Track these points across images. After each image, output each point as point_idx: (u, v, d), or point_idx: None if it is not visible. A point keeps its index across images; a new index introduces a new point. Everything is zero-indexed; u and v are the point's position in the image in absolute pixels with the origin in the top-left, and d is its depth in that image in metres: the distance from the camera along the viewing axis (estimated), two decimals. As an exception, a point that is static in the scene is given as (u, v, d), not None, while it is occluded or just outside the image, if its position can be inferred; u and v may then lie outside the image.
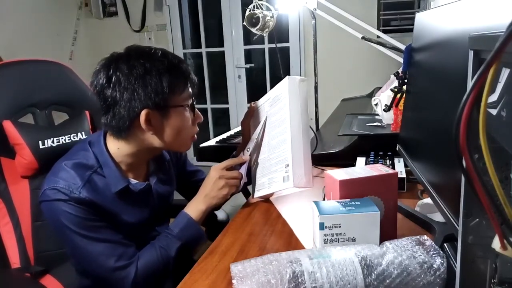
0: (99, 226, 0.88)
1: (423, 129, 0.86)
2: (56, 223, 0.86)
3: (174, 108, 0.88)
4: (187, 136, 0.94)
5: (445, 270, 0.61)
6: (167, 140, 0.90)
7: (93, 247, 0.86)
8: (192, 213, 0.97)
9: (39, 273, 1.06)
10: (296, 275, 0.59)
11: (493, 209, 0.35)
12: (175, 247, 0.93)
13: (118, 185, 0.90)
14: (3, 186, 1.07)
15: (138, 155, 0.94)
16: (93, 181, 0.89)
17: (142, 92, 0.84)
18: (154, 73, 0.85)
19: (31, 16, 3.24)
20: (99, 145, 0.92)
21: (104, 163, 0.91)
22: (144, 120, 0.86)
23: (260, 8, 1.46)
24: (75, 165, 0.89)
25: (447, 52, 0.69)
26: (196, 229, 0.96)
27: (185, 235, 0.95)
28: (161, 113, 0.87)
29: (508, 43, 0.30)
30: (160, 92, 0.85)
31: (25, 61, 1.16)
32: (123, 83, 0.84)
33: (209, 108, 3.86)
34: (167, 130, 0.89)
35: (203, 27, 3.62)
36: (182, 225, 0.95)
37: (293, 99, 0.96)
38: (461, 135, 0.34)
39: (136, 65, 0.85)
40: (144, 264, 0.89)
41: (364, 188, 0.77)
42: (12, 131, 1.04)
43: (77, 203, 0.85)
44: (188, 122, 0.92)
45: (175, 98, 0.88)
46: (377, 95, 1.54)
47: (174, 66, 0.88)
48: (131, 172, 0.96)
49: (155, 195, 1.01)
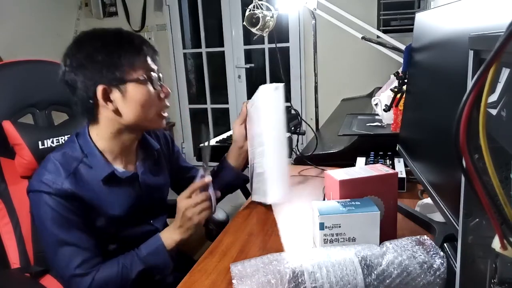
0: (73, 226, 0.87)
1: (423, 129, 0.86)
2: (37, 215, 0.87)
3: (130, 82, 0.88)
4: (153, 112, 0.92)
5: (445, 270, 0.61)
6: (131, 115, 0.90)
7: (60, 248, 0.86)
8: (165, 239, 0.92)
9: (39, 273, 1.06)
10: (296, 275, 0.59)
11: (493, 209, 0.35)
12: (137, 269, 0.89)
13: (103, 172, 0.91)
14: (3, 186, 1.07)
15: (116, 139, 0.93)
16: (79, 172, 0.89)
17: (94, 69, 0.87)
18: (103, 49, 0.87)
19: (31, 16, 3.24)
20: (84, 135, 0.94)
21: (89, 153, 0.92)
22: (101, 97, 0.87)
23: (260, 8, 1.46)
24: (61, 157, 0.90)
25: (447, 52, 0.70)
26: (164, 257, 0.91)
27: (150, 260, 0.90)
28: (118, 88, 0.88)
29: (508, 43, 0.30)
30: (112, 67, 0.86)
31: (25, 61, 1.16)
32: (74, 64, 0.88)
33: (209, 108, 3.86)
34: (128, 105, 0.89)
35: (203, 27, 3.62)
36: (151, 249, 0.91)
37: (267, 112, 0.94)
38: (461, 135, 0.34)
39: (87, 45, 0.88)
40: (102, 277, 0.86)
41: (364, 188, 0.77)
42: (11, 131, 1.04)
43: (59, 196, 0.85)
44: (149, 96, 0.90)
45: (130, 72, 0.87)
46: (377, 95, 1.54)
47: (126, 40, 0.89)
48: (119, 161, 0.96)
49: (143, 185, 0.99)
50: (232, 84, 3.70)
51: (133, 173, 0.97)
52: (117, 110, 0.89)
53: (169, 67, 3.74)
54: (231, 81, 3.70)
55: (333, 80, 3.04)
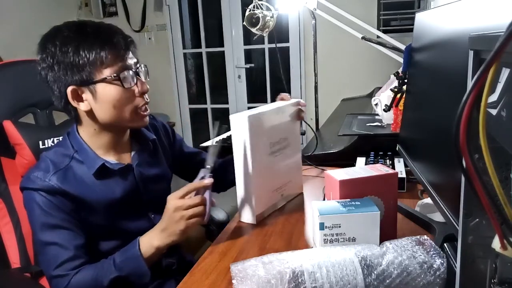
0: (58, 224, 0.85)
1: (423, 129, 0.86)
2: (27, 211, 0.87)
3: (99, 82, 0.84)
4: (128, 110, 0.88)
5: (445, 270, 0.61)
6: (105, 116, 0.87)
7: (43, 247, 0.85)
8: (143, 245, 0.85)
9: (39, 273, 1.06)
10: (296, 275, 0.59)
11: (493, 209, 0.35)
12: (110, 277, 0.82)
13: (95, 165, 0.89)
14: (4, 186, 1.07)
15: (102, 135, 0.91)
16: (71, 169, 0.88)
17: (60, 70, 0.84)
18: (67, 48, 0.83)
19: (31, 16, 3.24)
20: (73, 133, 0.93)
21: (79, 148, 0.90)
22: (71, 98, 0.85)
23: (260, 8, 1.46)
24: (53, 154, 0.89)
25: (447, 52, 0.70)
26: (140, 265, 0.83)
27: (125, 268, 0.83)
28: (88, 88, 0.85)
29: (508, 43, 0.30)
30: (78, 67, 0.83)
31: (25, 61, 1.16)
32: (43, 64, 0.86)
33: (209, 108, 3.85)
34: (100, 105, 0.86)
35: (203, 27, 3.62)
36: (127, 255, 0.85)
37: (238, 142, 0.93)
38: (461, 135, 0.34)
39: (51, 44, 0.85)
40: (77, 281, 0.83)
41: (364, 188, 0.77)
42: (12, 131, 1.04)
43: (45, 192, 0.84)
44: (120, 95, 0.85)
45: (99, 71, 0.83)
46: (377, 95, 1.54)
47: (92, 36, 0.84)
48: (111, 154, 0.94)
49: (138, 177, 0.96)
50: (232, 84, 3.70)
51: (128, 164, 0.95)
52: (91, 111, 0.87)
53: (169, 67, 3.74)
54: (231, 81, 3.70)
55: (333, 80, 3.04)
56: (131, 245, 0.86)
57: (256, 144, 0.94)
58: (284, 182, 1.05)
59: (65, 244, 0.84)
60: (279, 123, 1.02)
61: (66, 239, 0.85)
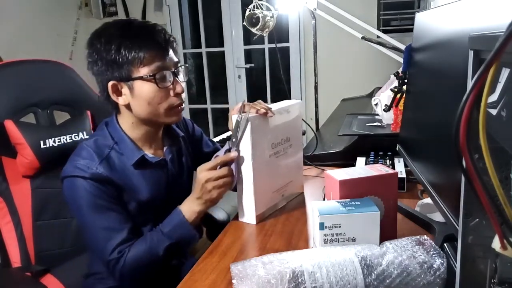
0: (109, 209, 0.89)
1: (423, 129, 0.86)
2: (72, 199, 0.90)
3: (137, 80, 0.89)
4: (162, 108, 0.92)
5: (445, 270, 0.61)
6: (140, 111, 0.92)
7: (96, 232, 0.88)
8: (185, 212, 0.92)
9: (40, 272, 1.07)
10: (296, 275, 0.59)
11: (493, 209, 0.35)
12: (164, 245, 0.89)
13: (134, 156, 0.94)
14: (5, 185, 1.07)
15: (139, 128, 0.96)
16: (111, 159, 0.92)
17: (103, 66, 0.90)
18: (110, 46, 0.88)
19: (31, 16, 3.24)
20: (113, 123, 0.97)
21: (119, 139, 0.95)
22: (112, 92, 0.91)
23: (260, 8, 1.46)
24: (93, 144, 0.93)
25: (447, 52, 0.70)
26: (188, 229, 0.92)
27: (175, 234, 0.91)
28: (127, 84, 0.90)
29: (508, 43, 0.30)
30: (119, 64, 0.88)
31: (26, 61, 1.16)
32: (89, 58, 0.92)
33: (209, 108, 3.85)
34: (136, 101, 0.91)
35: (203, 27, 3.62)
36: (174, 224, 0.92)
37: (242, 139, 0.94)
38: (461, 135, 0.34)
39: (96, 41, 0.90)
40: (132, 257, 0.88)
41: (364, 188, 0.77)
42: (13, 130, 1.04)
43: (94, 180, 0.88)
44: (155, 94, 0.90)
45: (137, 69, 0.89)
46: (377, 95, 1.54)
47: (134, 35, 0.89)
48: (147, 147, 0.99)
49: (170, 171, 1.01)
50: (232, 84, 3.70)
51: (162, 158, 0.99)
52: (128, 105, 0.92)
53: (169, 67, 3.73)
54: (231, 81, 3.70)
55: (333, 80, 3.04)
56: (174, 214, 0.93)
57: (257, 145, 0.94)
58: (285, 183, 1.05)
59: (117, 227, 0.89)
60: (281, 123, 1.01)
61: (118, 222, 0.89)
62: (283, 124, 1.02)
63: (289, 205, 1.07)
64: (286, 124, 1.03)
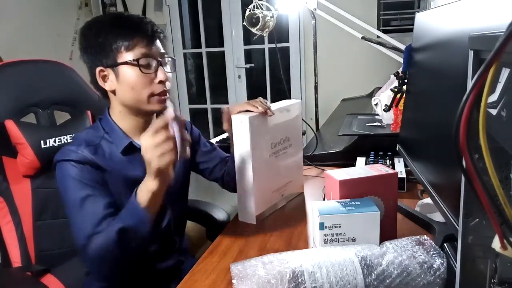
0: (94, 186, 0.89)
1: (423, 129, 0.86)
2: (60, 182, 0.91)
3: (122, 65, 0.91)
4: (145, 94, 0.92)
5: (445, 270, 0.61)
6: (124, 96, 0.94)
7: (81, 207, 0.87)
8: (139, 192, 0.83)
9: (40, 272, 1.06)
10: (296, 275, 0.59)
11: (493, 209, 0.35)
12: (115, 228, 0.82)
13: (122, 143, 0.96)
14: (5, 185, 1.07)
15: (127, 117, 0.98)
16: (101, 148, 0.95)
17: (92, 53, 0.93)
18: (100, 34, 0.92)
19: (31, 16, 3.24)
20: (105, 116, 1.00)
21: (110, 129, 0.97)
22: (99, 77, 0.94)
23: (260, 8, 1.46)
24: (85, 134, 0.97)
25: (447, 52, 0.70)
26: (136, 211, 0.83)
27: (126, 218, 0.84)
28: (113, 70, 0.93)
29: (508, 43, 0.30)
30: (106, 50, 0.91)
31: (26, 61, 1.16)
32: (81, 47, 0.96)
33: (209, 108, 3.85)
34: (121, 86, 0.93)
35: (203, 27, 3.62)
36: (127, 207, 0.85)
37: (239, 142, 0.95)
38: (461, 135, 0.34)
39: (87, 31, 0.94)
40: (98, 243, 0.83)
41: (364, 188, 0.77)
42: (14, 130, 1.04)
43: (81, 163, 0.90)
44: (139, 78, 0.91)
45: (122, 55, 0.91)
46: (377, 95, 1.54)
47: (123, 24, 0.93)
48: (137, 137, 0.98)
49: None
50: (232, 84, 3.70)
51: None
52: (114, 91, 0.95)
53: (169, 67, 3.73)
54: (231, 81, 3.70)
55: (333, 80, 3.04)
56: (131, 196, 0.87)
57: (257, 145, 0.94)
58: (285, 182, 1.05)
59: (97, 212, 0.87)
60: (280, 123, 1.02)
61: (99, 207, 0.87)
62: (282, 123, 1.02)
63: (289, 205, 1.07)
64: (286, 123, 1.03)
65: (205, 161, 1.17)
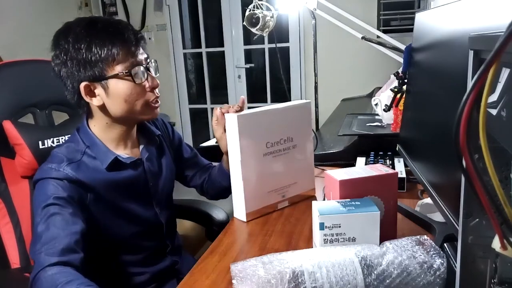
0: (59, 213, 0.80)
1: (423, 129, 0.86)
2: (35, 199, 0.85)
3: (111, 78, 0.86)
4: (139, 104, 0.90)
5: (445, 270, 0.61)
6: (117, 110, 0.89)
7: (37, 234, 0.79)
8: None
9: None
10: (296, 275, 0.59)
11: (493, 209, 0.35)
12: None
13: (107, 159, 0.90)
14: (3, 186, 1.07)
15: (113, 128, 0.93)
16: (83, 163, 0.89)
17: (73, 67, 0.86)
18: (79, 45, 0.84)
19: (31, 16, 3.24)
20: (84, 128, 0.94)
21: (91, 143, 0.92)
22: (84, 94, 0.87)
23: (260, 8, 1.46)
24: (65, 150, 0.90)
25: (447, 52, 0.70)
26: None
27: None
28: (101, 84, 0.87)
29: (508, 43, 0.30)
30: (90, 64, 0.85)
31: (25, 61, 1.16)
32: (56, 60, 0.87)
33: (209, 108, 3.85)
34: (112, 100, 0.88)
35: (203, 27, 3.62)
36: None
37: (230, 140, 0.95)
38: (461, 135, 0.34)
39: (63, 40, 0.86)
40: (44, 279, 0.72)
41: (364, 188, 0.77)
42: (12, 131, 1.04)
43: (59, 179, 0.84)
44: (131, 90, 0.87)
45: (110, 67, 0.85)
46: (377, 95, 1.54)
47: (102, 33, 0.85)
48: (121, 147, 0.96)
49: (148, 170, 0.98)
50: (232, 84, 3.70)
51: (138, 158, 0.97)
52: (103, 105, 0.89)
53: (169, 67, 3.73)
54: (231, 81, 3.70)
55: (333, 80, 3.04)
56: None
57: (246, 143, 0.94)
58: (286, 183, 1.05)
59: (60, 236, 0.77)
60: (281, 123, 1.01)
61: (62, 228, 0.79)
62: (283, 123, 1.02)
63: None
64: (289, 124, 1.03)
65: (186, 168, 1.17)
